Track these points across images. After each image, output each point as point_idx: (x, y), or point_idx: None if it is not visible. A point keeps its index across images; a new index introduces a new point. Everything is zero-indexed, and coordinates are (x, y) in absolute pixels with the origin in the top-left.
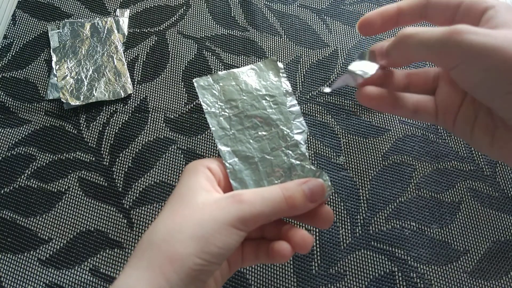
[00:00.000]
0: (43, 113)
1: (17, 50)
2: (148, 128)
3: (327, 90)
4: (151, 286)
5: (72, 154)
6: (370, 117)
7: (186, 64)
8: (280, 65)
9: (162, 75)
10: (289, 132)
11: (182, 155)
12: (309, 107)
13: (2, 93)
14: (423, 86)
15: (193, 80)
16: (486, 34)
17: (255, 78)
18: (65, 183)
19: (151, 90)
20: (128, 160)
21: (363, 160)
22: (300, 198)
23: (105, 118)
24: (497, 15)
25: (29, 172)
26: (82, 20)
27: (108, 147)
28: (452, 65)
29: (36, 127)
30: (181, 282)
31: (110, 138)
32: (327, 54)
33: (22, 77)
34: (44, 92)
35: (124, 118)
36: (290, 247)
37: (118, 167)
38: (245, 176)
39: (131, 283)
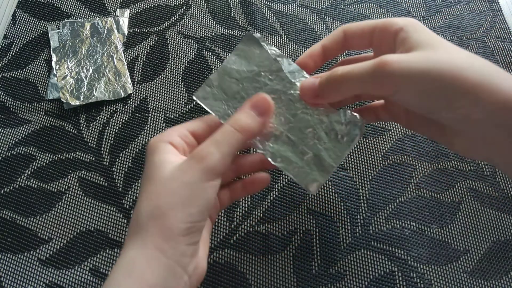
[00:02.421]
0: (43, 113)
1: (17, 50)
2: (148, 128)
3: None
4: (150, 261)
5: (72, 154)
6: None
7: (186, 64)
8: (257, 35)
9: (162, 75)
10: (298, 92)
11: None
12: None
13: (2, 93)
14: (373, 96)
15: (193, 97)
16: (409, 61)
17: (243, 61)
18: (65, 183)
19: (151, 90)
20: (128, 160)
21: (363, 160)
22: (244, 117)
23: (105, 118)
24: (408, 36)
25: (29, 172)
26: (82, 20)
27: (108, 147)
28: (389, 94)
29: (36, 127)
30: (175, 250)
31: (110, 138)
32: None
33: (22, 77)
34: (44, 92)
35: (124, 118)
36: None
37: (118, 167)
38: (285, 153)
39: (130, 259)
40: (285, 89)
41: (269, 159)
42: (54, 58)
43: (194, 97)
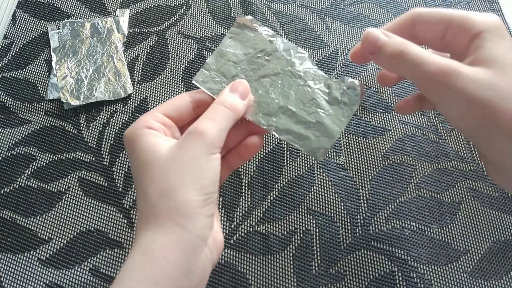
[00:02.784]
0: (43, 113)
1: (17, 50)
2: None
3: None
4: (170, 239)
5: (72, 154)
6: (370, 117)
7: (186, 64)
8: (249, 17)
9: (162, 75)
10: (295, 67)
11: None
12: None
13: (2, 93)
14: None
15: (193, 81)
16: (476, 82)
17: (238, 44)
18: (65, 183)
19: (151, 90)
20: (128, 160)
21: (363, 160)
22: (236, 102)
23: (105, 118)
24: (483, 45)
25: (29, 172)
26: (82, 20)
27: (108, 147)
28: (437, 100)
29: (36, 127)
30: (195, 224)
31: (110, 138)
32: (327, 54)
33: (22, 77)
34: (44, 92)
35: (124, 118)
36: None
37: (118, 167)
38: (289, 125)
39: (149, 241)
40: (282, 67)
41: (274, 133)
42: (54, 58)
43: (193, 81)
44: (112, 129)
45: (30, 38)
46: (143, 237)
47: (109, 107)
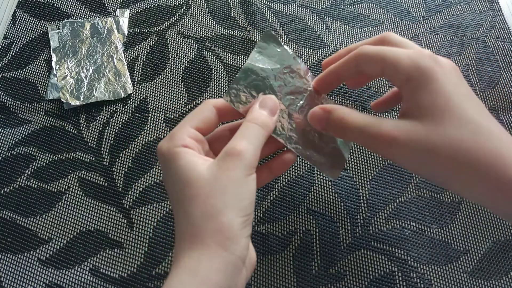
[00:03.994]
0: (43, 113)
1: (17, 50)
2: (148, 128)
3: None
4: (214, 259)
5: (72, 154)
6: None
7: (186, 64)
8: (273, 33)
9: (162, 75)
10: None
11: None
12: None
13: (2, 93)
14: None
15: (223, 99)
16: (409, 139)
17: (266, 59)
18: (65, 183)
19: (151, 90)
20: (128, 160)
21: (363, 160)
22: (267, 118)
23: (105, 118)
24: (412, 95)
25: (29, 172)
26: (82, 20)
27: (108, 147)
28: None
29: (36, 127)
30: (237, 245)
31: (110, 138)
32: (327, 54)
33: (22, 77)
34: (44, 92)
35: (124, 118)
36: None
37: (118, 167)
38: (310, 151)
39: (193, 260)
40: (305, 86)
41: (296, 153)
42: (54, 58)
43: (224, 99)
44: (112, 129)
45: (30, 38)
46: (186, 257)
47: (109, 107)
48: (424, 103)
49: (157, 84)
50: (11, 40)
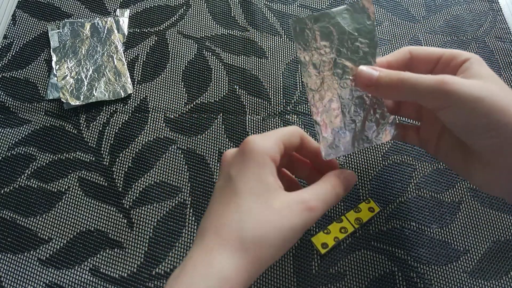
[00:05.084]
0: (43, 113)
1: (17, 50)
2: (148, 128)
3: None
4: (240, 279)
5: (72, 154)
6: None
7: (186, 64)
8: (373, 8)
9: (162, 75)
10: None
11: (182, 155)
12: (309, 107)
13: (2, 93)
14: (411, 113)
15: (291, 21)
16: (468, 85)
17: (349, 20)
18: (65, 183)
19: (151, 90)
20: (128, 160)
21: (363, 160)
22: (342, 191)
23: (105, 118)
24: (471, 67)
25: (29, 172)
26: (82, 20)
27: (108, 147)
28: (439, 108)
29: (36, 127)
30: (255, 276)
31: (110, 138)
32: None
33: (22, 77)
34: (44, 92)
35: (124, 118)
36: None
37: (118, 167)
38: (326, 118)
39: (228, 273)
40: (359, 62)
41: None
42: (54, 58)
43: (291, 21)
44: (112, 129)
45: (30, 38)
46: (223, 263)
47: (109, 107)
48: (484, 72)
49: (157, 84)
50: (11, 40)
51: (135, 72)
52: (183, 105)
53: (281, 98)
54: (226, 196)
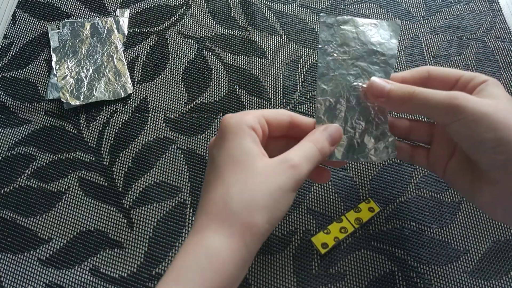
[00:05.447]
0: (43, 113)
1: (17, 50)
2: (148, 128)
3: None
4: (234, 251)
5: (72, 154)
6: None
7: (186, 64)
8: (399, 31)
9: (162, 75)
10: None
11: (182, 155)
12: (309, 107)
13: (2, 93)
14: (422, 136)
15: (320, 15)
16: (480, 102)
17: (374, 33)
18: (65, 183)
19: (151, 90)
20: (128, 160)
21: None
22: (327, 146)
23: (105, 118)
24: (487, 88)
25: (29, 172)
26: (82, 20)
27: (108, 147)
28: (448, 122)
29: (36, 127)
30: (255, 246)
31: (110, 138)
32: None
33: (22, 77)
34: (44, 92)
35: (124, 118)
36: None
37: (118, 167)
38: (327, 117)
39: (217, 247)
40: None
41: (316, 109)
42: (54, 58)
43: (321, 15)
44: (112, 129)
45: (30, 38)
46: (211, 238)
47: (109, 107)
48: (499, 93)
49: (157, 84)
50: (11, 40)
51: (135, 72)
52: (183, 105)
53: (281, 98)
54: (211, 176)
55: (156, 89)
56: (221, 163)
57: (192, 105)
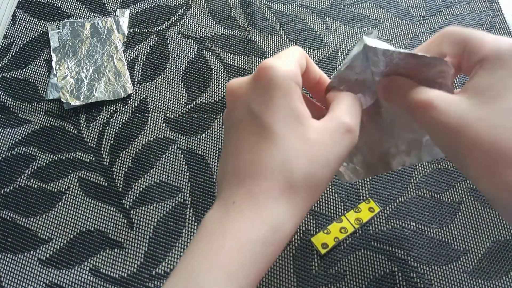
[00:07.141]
0: (43, 113)
1: (17, 50)
2: (148, 128)
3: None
4: (296, 221)
5: (72, 154)
6: None
7: (186, 64)
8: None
9: (162, 75)
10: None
11: (182, 155)
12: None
13: (2, 93)
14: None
15: (364, 38)
16: (447, 112)
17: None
18: (65, 183)
19: (151, 90)
20: (128, 160)
21: None
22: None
23: (105, 118)
24: (479, 74)
25: (29, 172)
26: (82, 20)
27: (108, 147)
28: (422, 127)
29: (36, 127)
30: (304, 215)
31: (110, 138)
32: (327, 54)
33: (22, 77)
34: (44, 92)
35: (124, 118)
36: None
37: (118, 167)
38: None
39: (280, 221)
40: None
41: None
42: (54, 58)
43: (365, 38)
44: (112, 129)
45: (30, 38)
46: (275, 209)
47: (109, 107)
48: (486, 83)
49: (157, 84)
50: (11, 40)
51: (135, 72)
52: (183, 105)
53: None
54: (253, 133)
55: (156, 89)
56: (271, 123)
57: (192, 105)
